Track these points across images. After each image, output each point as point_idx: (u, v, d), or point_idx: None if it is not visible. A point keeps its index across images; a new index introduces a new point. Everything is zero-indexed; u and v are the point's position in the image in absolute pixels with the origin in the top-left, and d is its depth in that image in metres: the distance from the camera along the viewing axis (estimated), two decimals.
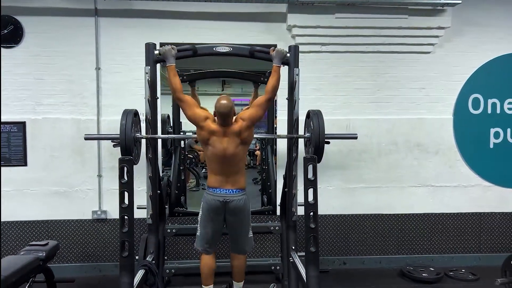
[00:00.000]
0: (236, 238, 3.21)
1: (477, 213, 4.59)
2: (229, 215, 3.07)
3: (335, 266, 4.48)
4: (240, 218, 3.10)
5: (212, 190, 3.05)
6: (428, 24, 4.26)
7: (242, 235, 3.18)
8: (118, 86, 4.15)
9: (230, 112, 2.97)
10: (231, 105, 2.97)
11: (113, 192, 4.15)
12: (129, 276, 2.63)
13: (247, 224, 3.18)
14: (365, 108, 4.41)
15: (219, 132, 2.98)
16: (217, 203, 3.02)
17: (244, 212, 3.10)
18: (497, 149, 4.55)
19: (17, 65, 4.05)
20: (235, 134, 2.99)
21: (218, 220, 3.10)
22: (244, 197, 3.08)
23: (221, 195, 3.02)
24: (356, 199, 4.47)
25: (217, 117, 3.02)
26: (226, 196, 3.02)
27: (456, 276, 4.23)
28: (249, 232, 3.22)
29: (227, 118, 2.98)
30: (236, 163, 3.06)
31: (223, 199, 3.01)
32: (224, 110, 2.95)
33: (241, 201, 3.05)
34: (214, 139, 2.99)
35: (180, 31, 4.16)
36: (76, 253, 4.25)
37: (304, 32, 4.19)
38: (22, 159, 4.11)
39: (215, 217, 3.08)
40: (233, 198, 3.02)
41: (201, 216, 3.14)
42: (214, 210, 3.04)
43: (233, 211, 3.05)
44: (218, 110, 2.97)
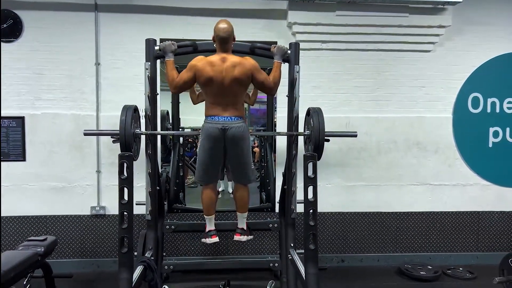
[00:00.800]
0: (238, 168, 3.15)
1: (476, 212, 4.61)
2: (229, 143, 3.01)
3: (333, 263, 4.49)
4: (240, 146, 3.03)
5: (211, 118, 2.98)
6: (429, 22, 4.25)
7: (244, 164, 3.12)
8: (118, 81, 4.14)
9: (229, 36, 2.94)
10: (231, 29, 2.94)
11: (112, 188, 4.15)
12: (128, 272, 2.62)
13: (248, 153, 3.11)
14: (365, 106, 4.41)
15: (217, 61, 2.92)
16: (216, 131, 2.95)
17: (244, 140, 3.03)
18: (496, 148, 4.56)
19: (16, 60, 4.04)
20: (233, 66, 2.91)
21: (218, 148, 3.03)
22: (243, 125, 3.01)
23: (220, 122, 2.96)
24: (355, 197, 4.47)
25: (216, 42, 2.98)
26: (225, 123, 2.96)
27: (453, 275, 4.24)
28: (251, 163, 3.16)
29: (227, 43, 2.95)
30: (234, 94, 2.99)
31: (222, 126, 2.95)
32: (223, 34, 2.91)
33: (240, 128, 2.98)
34: (212, 69, 2.90)
35: (180, 27, 4.15)
36: (75, 249, 4.24)
37: (305, 29, 4.18)
38: (21, 154, 4.10)
39: (214, 146, 3.01)
40: (232, 125, 2.96)
41: (200, 147, 3.07)
42: (214, 138, 2.98)
43: (233, 139, 2.98)
44: (217, 33, 2.93)
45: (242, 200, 3.27)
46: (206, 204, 3.20)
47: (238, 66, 2.92)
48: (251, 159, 3.17)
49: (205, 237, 3.21)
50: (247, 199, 3.28)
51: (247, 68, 2.94)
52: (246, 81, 2.98)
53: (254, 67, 2.97)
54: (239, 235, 3.29)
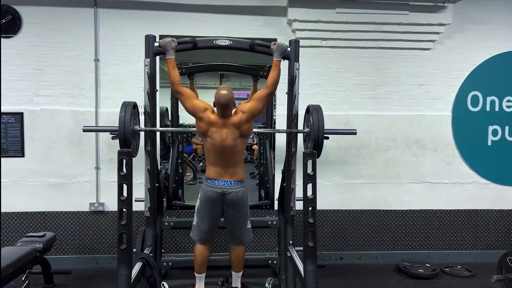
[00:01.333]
0: (234, 229, 3.20)
1: (474, 210, 4.61)
2: (227, 207, 3.06)
3: (332, 261, 4.50)
4: (238, 210, 3.08)
5: (211, 182, 3.03)
6: (429, 20, 4.24)
7: (240, 226, 3.17)
8: (117, 78, 4.13)
9: (230, 103, 2.95)
10: (231, 96, 2.94)
11: (110, 184, 4.15)
12: (127, 269, 2.63)
13: (245, 216, 3.17)
14: (364, 104, 4.41)
15: (218, 123, 2.96)
16: (215, 195, 3.00)
17: (242, 204, 3.08)
18: (495, 147, 4.56)
19: (15, 56, 4.02)
20: (234, 126, 2.97)
21: (216, 211, 3.08)
22: (242, 189, 3.06)
23: (219, 186, 3.00)
24: (354, 194, 4.48)
25: (216, 108, 2.99)
26: (225, 188, 3.00)
27: (452, 272, 4.26)
28: (248, 224, 3.20)
29: (227, 109, 2.96)
30: (235, 155, 3.04)
31: (221, 190, 3.00)
32: (224, 101, 2.92)
33: (239, 193, 3.03)
34: (213, 130, 2.97)
35: (180, 23, 4.14)
36: (73, 245, 4.24)
37: (305, 26, 4.17)
38: (20, 150, 4.09)
39: (212, 209, 3.06)
40: (231, 190, 3.01)
41: (198, 207, 3.12)
42: (212, 202, 3.03)
43: (231, 203, 3.03)
44: (218, 100, 2.94)
45: (237, 260, 3.30)
46: (198, 262, 3.21)
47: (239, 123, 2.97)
48: (248, 220, 3.22)
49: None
50: (242, 259, 3.31)
51: (245, 116, 2.98)
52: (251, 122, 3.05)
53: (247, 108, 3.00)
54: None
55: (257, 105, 3.02)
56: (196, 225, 3.16)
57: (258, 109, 3.03)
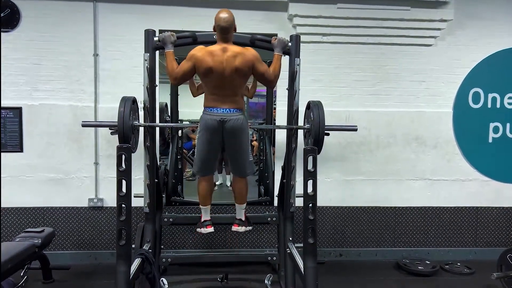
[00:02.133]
0: (236, 160, 3.15)
1: (474, 207, 4.60)
2: (228, 135, 2.99)
3: (331, 257, 4.49)
4: (238, 138, 3.02)
5: (209, 110, 2.97)
6: (431, 16, 4.22)
7: (242, 156, 3.11)
8: (116, 73, 4.10)
9: (230, 26, 2.90)
10: (232, 19, 2.90)
11: (109, 180, 4.13)
12: (125, 265, 2.61)
13: (247, 146, 3.10)
14: (365, 100, 4.39)
15: (217, 50, 2.89)
16: (214, 123, 2.94)
17: (242, 132, 3.02)
18: (496, 144, 4.55)
19: (13, 50, 3.99)
20: (234, 56, 2.88)
21: (216, 140, 3.01)
22: (242, 117, 2.99)
23: (218, 114, 2.94)
24: (354, 191, 4.46)
25: (217, 32, 2.94)
26: (224, 115, 2.94)
27: (451, 270, 4.25)
28: (250, 156, 3.14)
29: (228, 33, 2.92)
30: (234, 86, 2.96)
31: (220, 118, 2.93)
32: (224, 23, 2.87)
33: (239, 120, 2.97)
34: (214, 59, 2.86)
35: (179, 18, 4.11)
36: (72, 241, 4.23)
37: (305, 22, 4.14)
38: (18, 145, 4.07)
39: (212, 138, 3.00)
40: (230, 117, 2.94)
41: (198, 138, 3.05)
42: (212, 130, 2.96)
43: (231, 131, 2.97)
44: (218, 23, 2.89)
45: (240, 192, 3.27)
46: (202, 194, 3.21)
47: (239, 56, 2.89)
48: (250, 152, 3.16)
49: (200, 227, 3.21)
50: (245, 191, 3.28)
51: (248, 58, 2.91)
52: (247, 71, 2.95)
53: (256, 58, 2.95)
54: (237, 225, 3.30)
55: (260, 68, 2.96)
56: (197, 157, 3.11)
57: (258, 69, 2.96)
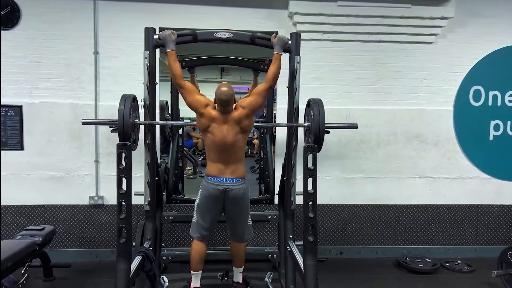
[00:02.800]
0: (235, 226, 3.20)
1: (475, 205, 4.60)
2: (229, 204, 3.05)
3: (332, 255, 4.50)
4: (239, 207, 3.08)
5: (212, 179, 3.02)
6: (431, 14, 4.20)
7: (241, 223, 3.17)
8: (117, 71, 4.10)
9: (230, 99, 2.95)
10: (231, 92, 2.94)
11: (110, 178, 4.14)
12: (126, 262, 2.62)
13: (246, 213, 3.17)
14: (365, 98, 4.38)
15: (219, 119, 2.96)
16: (216, 192, 3.00)
17: (243, 201, 3.08)
18: (496, 142, 4.54)
19: (14, 48, 3.99)
20: (235, 121, 2.97)
21: (217, 208, 3.08)
22: (243, 186, 3.06)
23: (220, 183, 3.00)
24: (354, 189, 4.46)
25: (217, 104, 2.99)
26: (226, 185, 3.00)
27: (452, 267, 4.25)
28: (248, 220, 3.21)
29: (228, 106, 2.95)
30: (236, 151, 3.03)
31: (222, 187, 2.99)
32: (224, 97, 2.92)
33: (241, 190, 3.03)
34: (214, 126, 2.96)
35: (180, 16, 4.10)
36: (73, 239, 4.24)
37: (306, 19, 4.13)
38: (19, 143, 4.07)
39: (213, 206, 3.06)
40: (233, 187, 3.00)
41: (199, 204, 3.11)
42: (213, 199, 3.02)
43: (233, 200, 3.03)
44: (218, 97, 2.94)
45: (238, 256, 3.32)
46: (195, 259, 3.19)
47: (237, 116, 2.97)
48: (248, 217, 3.21)
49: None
50: (243, 255, 3.32)
51: (245, 112, 2.99)
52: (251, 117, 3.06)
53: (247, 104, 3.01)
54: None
55: (257, 99, 3.01)
56: (196, 222, 3.15)
57: (258, 104, 3.02)
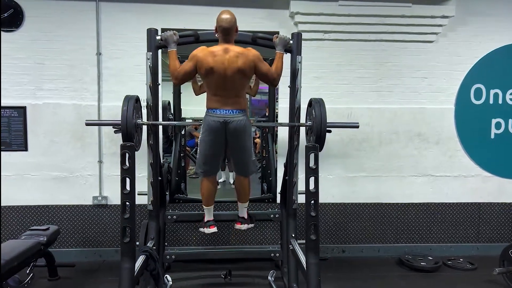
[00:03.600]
0: (239, 160, 3.19)
1: (476, 203, 4.61)
2: (230, 136, 3.02)
3: (334, 254, 4.52)
4: (241, 138, 3.05)
5: (212, 111, 2.99)
6: (432, 12, 4.21)
7: (245, 157, 3.14)
8: (119, 71, 4.12)
9: (232, 27, 2.93)
10: (233, 20, 2.93)
11: (113, 178, 4.16)
12: (130, 262, 2.64)
13: (249, 146, 3.13)
14: (367, 97, 4.39)
15: (219, 51, 2.91)
16: (217, 124, 2.97)
17: (245, 133, 3.05)
18: (498, 140, 4.55)
19: (17, 50, 4.02)
20: (236, 56, 2.90)
21: (219, 141, 3.04)
22: (244, 118, 3.02)
23: (221, 115, 2.96)
24: (356, 188, 4.48)
25: (218, 33, 2.97)
26: (226, 117, 2.96)
27: (454, 265, 4.26)
28: (252, 155, 3.18)
29: (229, 35, 2.94)
30: (237, 87, 2.98)
31: (223, 119, 2.96)
32: (226, 24, 2.90)
33: (241, 121, 2.99)
34: (215, 60, 2.88)
35: (182, 16, 4.12)
36: (77, 238, 4.27)
37: (307, 19, 4.15)
38: (23, 144, 4.10)
39: (215, 139, 3.03)
40: (233, 118, 2.97)
41: (201, 139, 3.09)
42: (215, 131, 2.99)
43: (234, 132, 3.00)
44: (219, 24, 2.92)
45: (243, 190, 3.30)
46: (205, 194, 3.23)
47: (240, 56, 2.90)
48: (252, 151, 3.19)
49: (204, 227, 3.24)
50: (248, 189, 3.31)
51: (250, 58, 2.92)
52: (249, 72, 2.97)
53: (257, 58, 2.96)
54: (240, 223, 3.35)
55: (262, 68, 2.98)
56: (200, 157, 3.14)
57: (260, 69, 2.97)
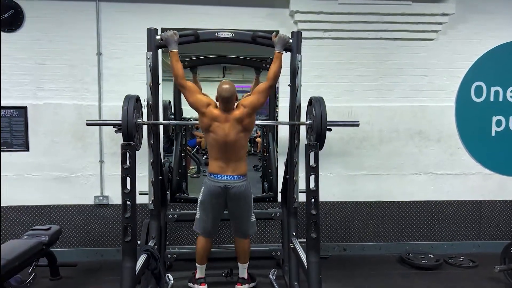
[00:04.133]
0: (238, 223, 3.24)
1: (477, 201, 4.61)
2: (231, 201, 3.09)
3: (335, 252, 4.52)
4: (242, 203, 3.11)
5: (214, 176, 3.06)
6: (432, 10, 4.21)
7: (245, 220, 3.20)
8: (120, 71, 4.13)
9: (232, 96, 2.98)
10: (233, 90, 2.98)
11: (114, 177, 4.17)
12: (131, 261, 2.66)
13: (249, 209, 3.20)
14: (367, 95, 4.39)
15: (221, 118, 2.99)
16: (218, 189, 3.03)
17: (245, 198, 3.11)
18: (498, 137, 4.54)
19: (18, 50, 4.02)
20: (236, 120, 2.99)
21: (219, 206, 3.12)
22: (245, 183, 3.09)
23: (222, 181, 3.03)
24: (357, 186, 4.48)
25: (219, 102, 3.02)
26: (227, 182, 3.03)
27: (455, 263, 4.26)
28: (251, 217, 3.24)
29: (229, 103, 2.99)
30: (238, 149, 3.06)
31: (224, 185, 3.02)
32: (226, 94, 2.95)
33: (242, 187, 3.06)
34: (216, 125, 3.00)
35: (181, 16, 4.12)
36: (78, 238, 4.28)
37: (307, 18, 4.15)
38: (24, 144, 4.11)
39: (215, 203, 3.10)
40: (234, 184, 3.03)
41: (201, 201, 3.15)
42: (215, 196, 3.06)
43: (234, 197, 3.06)
44: (220, 94, 2.97)
45: (242, 252, 3.36)
46: (200, 253, 3.28)
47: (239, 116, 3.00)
48: (252, 213, 3.25)
49: (194, 283, 3.31)
50: (247, 251, 3.36)
51: (244, 110, 3.01)
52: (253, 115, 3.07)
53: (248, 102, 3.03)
54: (240, 284, 3.39)
55: (258, 98, 3.04)
56: (199, 219, 3.20)
57: (259, 102, 3.05)
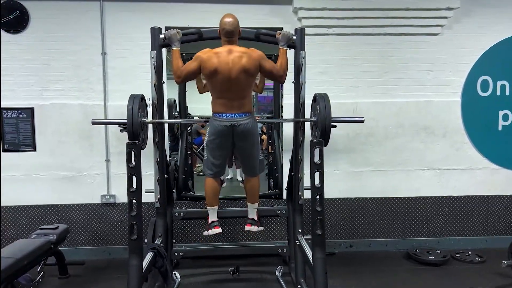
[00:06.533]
0: (246, 161, 3.21)
1: (485, 196, 4.58)
2: (238, 139, 3.03)
3: (342, 249, 4.52)
4: (249, 141, 3.07)
5: (219, 116, 3.01)
6: (437, 5, 4.18)
7: (253, 158, 3.16)
8: (124, 71, 4.15)
9: (235, 29, 2.97)
10: (236, 23, 2.97)
11: (121, 176, 4.19)
12: (138, 259, 2.67)
13: (257, 147, 3.15)
14: (372, 91, 4.38)
15: (223, 53, 2.92)
16: (224, 128, 2.98)
17: (252, 135, 3.06)
18: (505, 132, 4.51)
19: (23, 51, 4.06)
20: (239, 56, 2.91)
21: (226, 145, 3.06)
22: (251, 120, 3.03)
23: (227, 119, 2.98)
24: (363, 182, 4.47)
25: (221, 36, 3.00)
26: (233, 120, 2.97)
27: (462, 259, 4.24)
28: (260, 155, 3.20)
29: (232, 36, 2.98)
30: (241, 88, 2.99)
31: (230, 123, 2.97)
32: (229, 27, 2.94)
33: (248, 124, 3.00)
34: (220, 61, 2.90)
35: (185, 14, 4.13)
36: (86, 237, 4.31)
37: (311, 14, 4.14)
38: (31, 145, 4.15)
39: (222, 142, 3.05)
40: (240, 122, 2.98)
41: (208, 142, 3.10)
42: (222, 135, 3.01)
43: (241, 135, 3.01)
44: (222, 27, 2.96)
45: (252, 191, 3.30)
46: (209, 195, 3.22)
47: (244, 56, 2.92)
48: (260, 152, 3.20)
49: (208, 229, 3.21)
50: (257, 190, 3.31)
51: (254, 58, 2.94)
52: (254, 70, 2.97)
53: (261, 57, 2.98)
54: (250, 225, 3.31)
55: (267, 66, 3.00)
56: (207, 160, 3.16)
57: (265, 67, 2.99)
